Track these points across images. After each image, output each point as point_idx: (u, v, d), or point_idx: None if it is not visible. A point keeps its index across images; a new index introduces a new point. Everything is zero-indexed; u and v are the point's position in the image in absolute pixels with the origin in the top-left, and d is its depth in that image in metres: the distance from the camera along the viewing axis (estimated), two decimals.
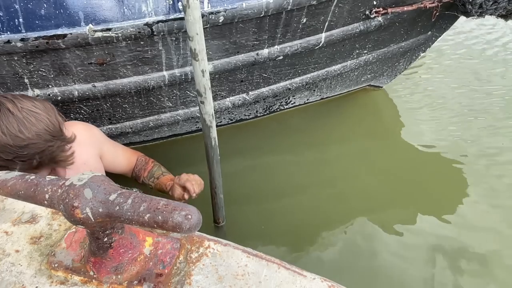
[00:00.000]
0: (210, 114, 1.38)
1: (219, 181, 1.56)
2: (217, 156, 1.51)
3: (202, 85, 1.29)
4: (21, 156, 1.02)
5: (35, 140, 1.02)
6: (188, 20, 1.16)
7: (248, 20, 1.56)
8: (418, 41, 2.38)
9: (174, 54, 1.58)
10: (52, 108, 1.12)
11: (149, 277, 0.70)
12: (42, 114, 1.05)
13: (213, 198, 1.60)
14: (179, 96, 1.84)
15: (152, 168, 1.66)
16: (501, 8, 1.91)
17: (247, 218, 1.92)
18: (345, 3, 1.73)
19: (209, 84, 1.31)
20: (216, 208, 1.62)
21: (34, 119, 1.03)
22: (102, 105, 1.72)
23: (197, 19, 1.16)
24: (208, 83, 1.30)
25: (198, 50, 1.22)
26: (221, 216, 1.65)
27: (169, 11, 1.41)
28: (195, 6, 1.13)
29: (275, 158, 2.27)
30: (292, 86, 2.17)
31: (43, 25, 1.32)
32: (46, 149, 1.05)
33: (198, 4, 1.14)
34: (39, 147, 1.03)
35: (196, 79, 1.29)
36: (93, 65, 1.50)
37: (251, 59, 1.77)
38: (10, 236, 0.78)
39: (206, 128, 1.41)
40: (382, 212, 2.02)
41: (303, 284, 0.71)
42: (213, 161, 1.51)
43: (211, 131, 1.42)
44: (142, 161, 1.67)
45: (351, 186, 2.15)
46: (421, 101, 2.77)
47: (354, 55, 2.19)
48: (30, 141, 1.02)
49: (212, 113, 1.38)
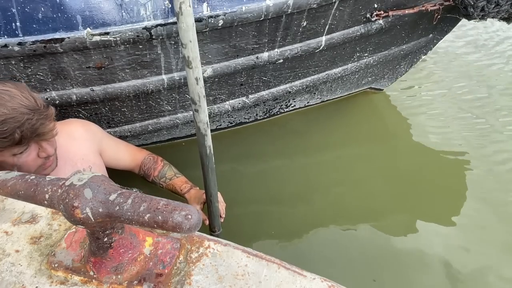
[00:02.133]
0: (205, 122, 1.35)
1: (214, 189, 1.53)
2: (212, 165, 1.48)
3: (196, 93, 1.27)
4: (2, 132, 1.09)
5: (12, 114, 1.09)
6: (181, 27, 1.14)
7: (247, 23, 1.55)
8: (419, 44, 2.36)
9: (173, 57, 1.56)
10: (24, 86, 1.19)
11: (149, 277, 0.70)
12: (15, 92, 1.13)
13: (209, 206, 1.57)
14: (178, 99, 1.82)
15: (163, 168, 1.68)
16: (503, 11, 1.90)
17: (244, 226, 1.89)
18: (346, 6, 1.72)
19: (203, 92, 1.28)
20: (212, 216, 1.59)
21: (7, 97, 1.11)
22: (101, 109, 1.71)
23: (190, 26, 1.14)
24: (202, 91, 1.28)
25: (191, 58, 1.19)
26: (217, 225, 1.62)
27: (168, 15, 1.40)
28: (188, 13, 1.11)
29: (275, 162, 2.25)
30: (292, 89, 2.16)
31: (41, 29, 1.31)
32: (25, 122, 1.11)
33: (191, 11, 1.12)
34: (18, 121, 1.10)
35: (190, 87, 1.27)
36: (91, 69, 1.48)
37: (251, 62, 1.76)
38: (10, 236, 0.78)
39: (200, 136, 1.38)
40: (383, 215, 2.01)
41: (303, 284, 0.71)
42: (208, 169, 1.48)
43: (206, 139, 1.40)
44: (150, 160, 1.68)
45: (352, 189, 2.13)
46: (422, 104, 2.76)
47: (355, 58, 2.18)
48: (7, 116, 1.09)
49: (206, 121, 1.36)
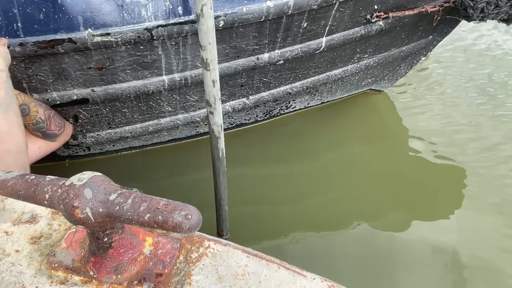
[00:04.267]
0: (219, 124, 1.34)
1: (224, 193, 1.52)
2: (224, 168, 1.47)
3: (212, 95, 1.27)
4: None
5: None
6: (201, 29, 1.14)
7: (248, 24, 1.55)
8: (419, 45, 2.37)
9: (174, 58, 1.57)
10: None
11: (149, 277, 0.70)
12: None
13: (218, 210, 1.56)
14: (178, 100, 1.83)
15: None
16: (503, 12, 1.90)
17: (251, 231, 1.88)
18: (346, 8, 1.73)
19: (219, 94, 1.28)
20: (221, 220, 1.58)
21: None
22: (101, 110, 1.71)
23: (210, 28, 1.14)
24: (218, 94, 1.27)
25: (210, 60, 1.19)
26: (225, 229, 1.60)
27: (169, 16, 1.40)
28: (209, 15, 1.11)
29: (275, 164, 2.25)
30: (292, 90, 2.16)
31: (42, 30, 1.31)
32: None
33: (212, 14, 1.12)
34: None
35: (206, 89, 1.26)
36: (92, 70, 1.49)
37: (251, 63, 1.76)
38: (10, 236, 0.78)
39: (214, 139, 1.38)
40: (383, 214, 2.01)
41: (303, 284, 0.70)
42: (219, 172, 1.47)
43: (219, 142, 1.39)
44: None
45: (353, 189, 2.14)
46: (422, 106, 2.76)
47: (355, 59, 2.18)
48: None
49: (221, 124, 1.35)
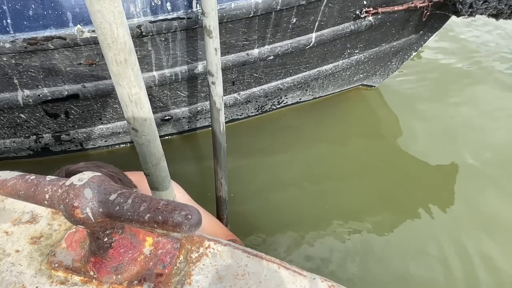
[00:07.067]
0: (220, 95, 1.32)
1: (225, 170, 1.48)
2: (224, 143, 1.44)
3: (214, 64, 1.25)
4: None
5: None
6: None
7: (237, 20, 1.57)
8: (410, 41, 2.39)
9: (163, 54, 1.58)
10: None
11: (149, 277, 0.70)
12: None
13: (218, 190, 1.51)
14: (169, 96, 1.84)
15: None
16: (492, 7, 1.92)
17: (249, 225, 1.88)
18: (335, 3, 1.74)
19: (220, 63, 1.26)
20: (220, 202, 1.53)
21: None
22: (93, 105, 1.72)
23: None
24: (219, 62, 1.25)
25: (212, 27, 1.19)
26: (224, 213, 1.57)
27: (158, 12, 1.42)
28: None
29: (267, 157, 2.27)
30: (283, 85, 2.17)
31: (32, 26, 1.32)
32: None
33: None
34: None
35: (208, 58, 1.24)
36: (82, 66, 1.50)
37: (242, 59, 1.78)
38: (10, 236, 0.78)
39: (215, 111, 1.34)
40: (374, 210, 2.03)
41: (303, 284, 0.70)
42: (220, 148, 1.43)
43: (220, 115, 1.36)
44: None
45: (344, 184, 2.16)
46: (414, 101, 2.78)
47: (346, 55, 2.20)
48: None
49: (222, 95, 1.33)
